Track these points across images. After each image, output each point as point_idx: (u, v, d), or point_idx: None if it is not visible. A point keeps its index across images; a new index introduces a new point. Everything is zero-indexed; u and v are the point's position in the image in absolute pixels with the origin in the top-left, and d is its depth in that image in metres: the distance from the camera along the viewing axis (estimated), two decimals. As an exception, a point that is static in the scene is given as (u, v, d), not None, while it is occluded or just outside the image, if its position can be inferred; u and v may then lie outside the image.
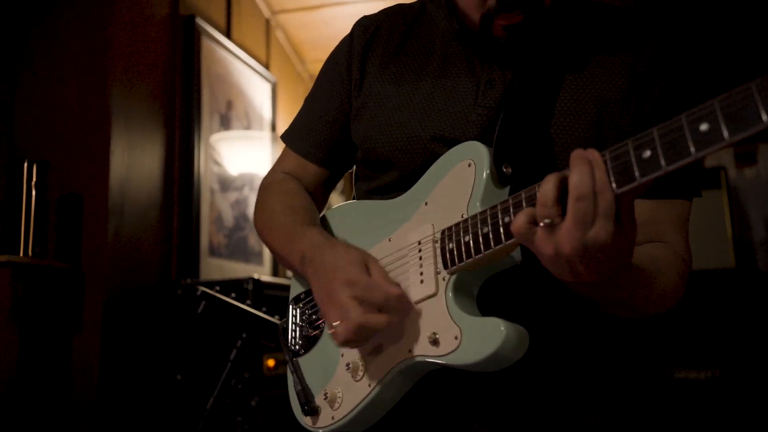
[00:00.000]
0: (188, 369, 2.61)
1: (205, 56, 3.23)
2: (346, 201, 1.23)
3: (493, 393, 0.99)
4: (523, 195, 0.83)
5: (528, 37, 1.02)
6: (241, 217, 3.50)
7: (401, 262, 1.00)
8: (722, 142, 0.65)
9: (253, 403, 2.42)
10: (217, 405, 2.01)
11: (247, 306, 2.16)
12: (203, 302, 2.04)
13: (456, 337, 0.87)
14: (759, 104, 0.62)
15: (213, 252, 3.19)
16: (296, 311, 1.16)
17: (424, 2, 1.21)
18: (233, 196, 3.45)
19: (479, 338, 0.84)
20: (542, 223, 0.77)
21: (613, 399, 1.02)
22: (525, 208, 0.80)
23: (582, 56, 1.05)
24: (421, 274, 0.95)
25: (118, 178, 2.61)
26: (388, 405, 0.98)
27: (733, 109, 0.64)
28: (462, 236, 0.90)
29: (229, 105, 3.49)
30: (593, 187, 0.74)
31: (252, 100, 3.72)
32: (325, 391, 1.03)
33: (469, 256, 0.88)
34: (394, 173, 1.11)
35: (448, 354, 0.87)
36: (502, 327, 0.82)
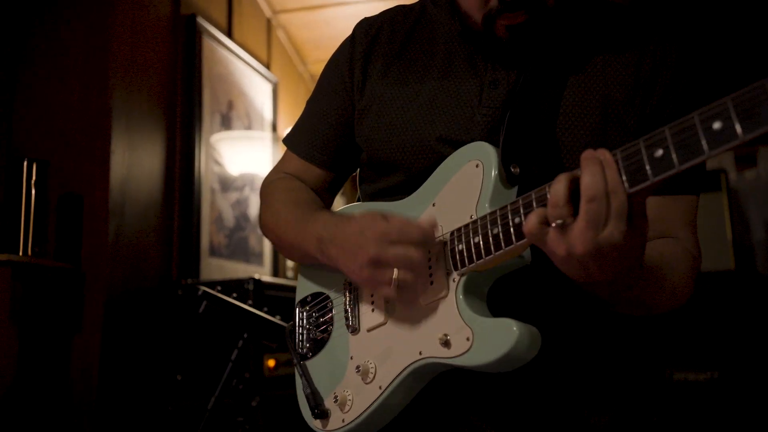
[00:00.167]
0: (188, 369, 2.61)
1: (206, 56, 3.23)
2: (347, 203, 1.22)
3: (498, 390, 0.98)
4: (533, 195, 0.83)
5: (531, 37, 1.02)
6: (242, 218, 3.49)
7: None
8: (736, 140, 0.65)
9: (253, 403, 2.42)
10: (218, 405, 2.01)
11: (249, 306, 2.16)
12: (204, 302, 2.03)
13: (468, 339, 0.87)
14: None
15: (213, 252, 3.18)
16: (303, 314, 1.16)
17: (425, 3, 1.20)
18: (234, 196, 3.44)
19: (491, 339, 0.84)
20: (554, 223, 0.77)
21: (620, 398, 1.02)
22: (536, 209, 0.80)
23: (586, 55, 1.05)
24: (431, 275, 0.95)
25: (119, 177, 2.60)
26: (397, 408, 0.98)
27: (747, 107, 0.64)
28: (472, 237, 0.90)
29: (230, 105, 3.48)
30: (605, 187, 0.74)
31: (253, 100, 3.72)
32: (334, 394, 1.02)
33: (480, 257, 0.88)
34: (400, 175, 1.10)
35: (460, 355, 0.87)
36: (515, 327, 0.82)
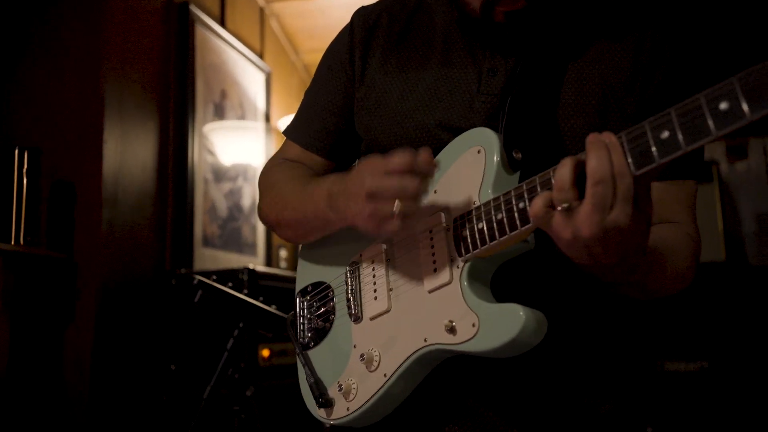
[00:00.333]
0: (182, 359, 2.60)
1: (199, 45, 3.20)
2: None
3: (498, 376, 0.99)
4: (537, 180, 0.83)
5: (530, 23, 1.01)
6: (235, 208, 3.48)
7: (412, 251, 0.99)
8: (744, 120, 0.65)
9: (248, 393, 2.42)
10: (214, 394, 2.00)
11: (245, 296, 2.15)
12: (200, 291, 2.02)
13: (474, 325, 0.87)
14: None
15: (206, 242, 3.17)
16: (304, 304, 1.15)
17: None
18: (227, 186, 3.42)
19: (497, 324, 0.84)
20: (560, 207, 0.77)
21: (619, 387, 1.03)
22: (541, 193, 0.80)
23: (584, 41, 1.05)
24: (434, 262, 0.95)
25: (112, 166, 2.58)
26: (401, 396, 0.98)
27: (754, 86, 0.64)
28: (475, 223, 0.90)
29: (223, 94, 3.46)
30: (611, 170, 0.74)
31: (246, 90, 3.69)
32: (339, 382, 1.02)
33: (484, 243, 0.88)
34: None
35: (466, 341, 0.87)
36: (521, 312, 0.82)
